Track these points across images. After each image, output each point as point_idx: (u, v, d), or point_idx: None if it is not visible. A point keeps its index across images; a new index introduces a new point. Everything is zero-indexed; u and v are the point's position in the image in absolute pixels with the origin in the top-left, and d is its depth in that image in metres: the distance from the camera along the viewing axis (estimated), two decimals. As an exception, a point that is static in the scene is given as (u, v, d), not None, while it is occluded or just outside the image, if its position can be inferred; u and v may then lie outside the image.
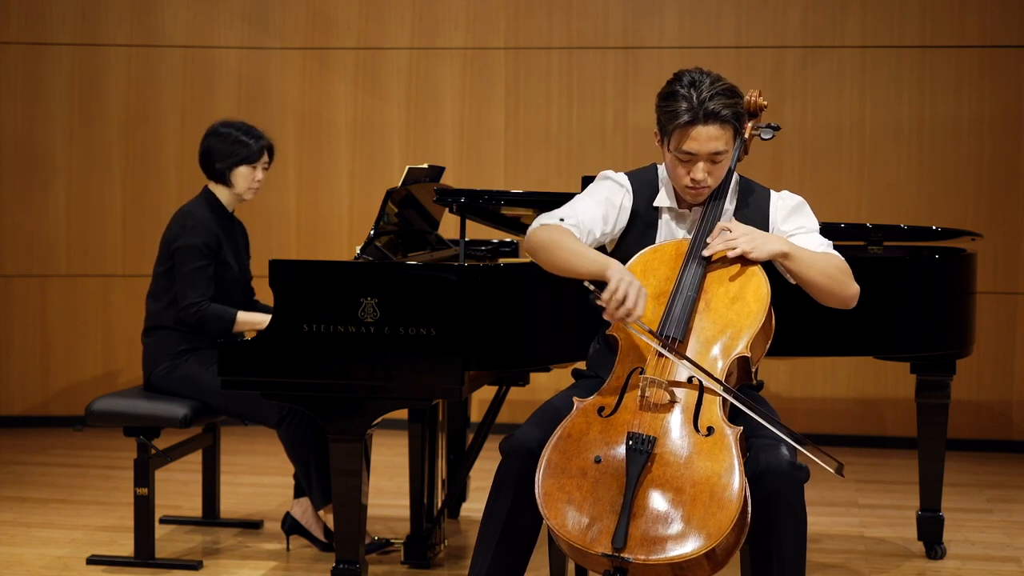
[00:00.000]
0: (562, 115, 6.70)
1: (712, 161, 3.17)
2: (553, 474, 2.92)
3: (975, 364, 6.28)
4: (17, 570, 4.30)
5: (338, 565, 3.86)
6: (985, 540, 4.79)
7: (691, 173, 3.18)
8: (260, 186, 4.60)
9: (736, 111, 3.16)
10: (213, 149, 4.53)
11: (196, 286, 4.39)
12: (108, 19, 6.79)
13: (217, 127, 4.58)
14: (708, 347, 3.05)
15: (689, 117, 3.12)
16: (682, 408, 2.96)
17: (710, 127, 3.12)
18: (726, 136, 3.15)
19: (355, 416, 3.79)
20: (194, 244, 4.41)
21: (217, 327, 4.38)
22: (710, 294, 3.11)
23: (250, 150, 4.52)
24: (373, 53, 6.80)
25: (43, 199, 6.80)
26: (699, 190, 3.21)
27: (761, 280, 3.12)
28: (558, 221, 3.21)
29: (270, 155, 4.60)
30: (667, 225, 3.31)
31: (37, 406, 6.87)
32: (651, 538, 2.80)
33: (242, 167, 4.53)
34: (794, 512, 2.97)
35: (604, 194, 3.31)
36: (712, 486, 2.84)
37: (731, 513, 2.80)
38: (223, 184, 4.56)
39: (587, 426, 2.98)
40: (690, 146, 3.14)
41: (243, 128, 4.57)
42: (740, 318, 3.08)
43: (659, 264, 3.18)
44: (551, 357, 3.97)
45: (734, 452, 2.87)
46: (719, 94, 3.13)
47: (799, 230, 3.28)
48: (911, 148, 6.46)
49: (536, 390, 6.07)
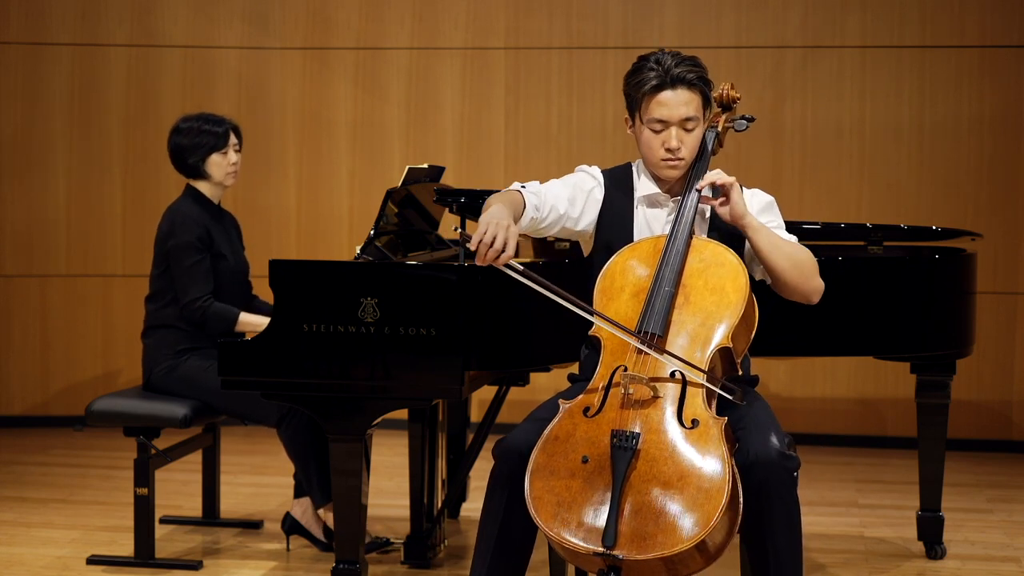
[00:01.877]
0: (562, 115, 6.70)
1: (684, 128, 3.22)
2: (541, 476, 2.93)
3: (975, 364, 6.28)
4: (17, 570, 4.30)
5: (338, 565, 3.86)
6: (985, 540, 4.79)
7: (665, 143, 3.22)
8: (237, 169, 4.62)
9: (702, 76, 3.24)
10: (180, 146, 4.56)
11: (196, 282, 4.40)
12: (108, 19, 6.79)
13: (178, 124, 4.60)
14: (689, 340, 3.06)
15: (657, 81, 3.21)
16: (666, 402, 2.97)
17: (679, 91, 3.21)
18: (696, 101, 3.23)
19: (355, 416, 3.79)
20: (187, 240, 4.42)
21: (219, 325, 4.39)
22: (689, 287, 3.12)
23: (216, 137, 4.54)
24: (373, 53, 6.80)
25: (43, 199, 6.80)
26: (675, 162, 3.24)
27: (740, 271, 3.13)
28: (519, 187, 3.28)
29: (238, 136, 4.63)
30: (644, 213, 3.34)
31: (37, 406, 6.86)
32: (641, 534, 2.81)
33: (213, 155, 4.55)
34: (785, 501, 2.98)
35: (574, 180, 3.38)
36: (699, 478, 2.84)
37: (718, 503, 2.80)
38: (201, 178, 4.58)
39: (573, 427, 2.99)
40: (660, 112, 3.21)
41: (203, 118, 4.59)
42: (720, 309, 3.09)
43: (637, 262, 3.20)
44: (551, 357, 3.97)
45: (720, 443, 2.88)
46: (684, 62, 3.24)
47: (769, 223, 3.32)
48: (911, 148, 6.46)
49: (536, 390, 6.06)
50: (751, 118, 3.48)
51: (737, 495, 2.87)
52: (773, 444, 2.98)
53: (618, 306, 3.14)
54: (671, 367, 3.01)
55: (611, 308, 3.14)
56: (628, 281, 3.16)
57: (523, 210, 3.21)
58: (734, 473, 2.87)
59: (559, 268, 3.98)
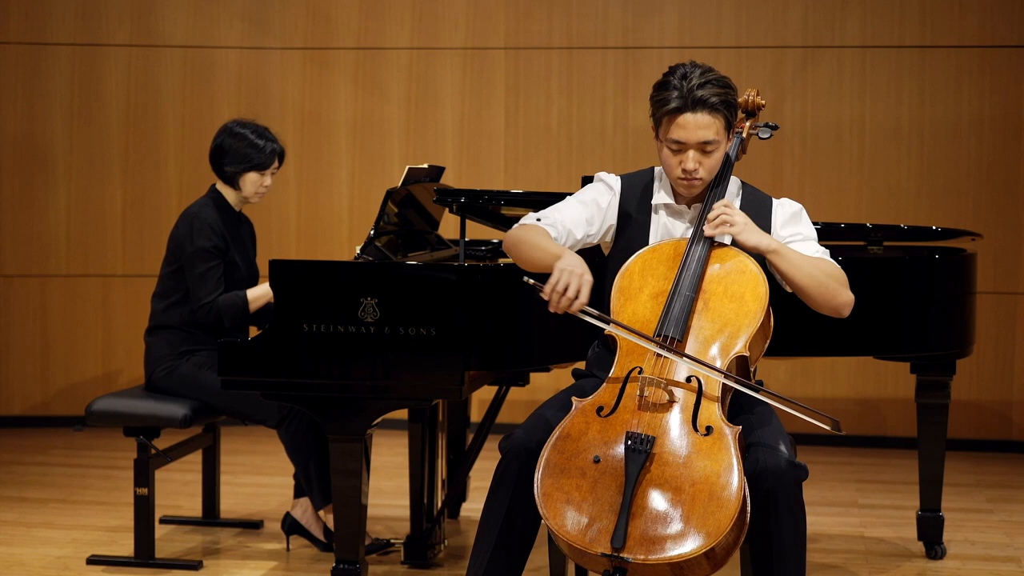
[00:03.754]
0: (562, 115, 6.70)
1: (702, 151, 3.18)
2: (552, 474, 2.92)
3: (975, 364, 6.28)
4: (17, 570, 4.30)
5: (338, 565, 3.86)
6: (985, 540, 4.79)
7: (682, 163, 3.19)
8: (267, 191, 4.59)
9: (726, 100, 3.17)
10: (226, 149, 4.50)
11: (207, 286, 4.39)
12: (108, 19, 6.79)
13: (232, 127, 4.53)
14: (707, 346, 3.05)
15: (677, 104, 3.14)
16: (681, 408, 2.96)
17: (699, 115, 3.14)
18: (716, 125, 3.16)
19: (355, 416, 3.79)
20: (203, 247, 4.41)
21: (232, 313, 4.39)
22: (708, 293, 3.11)
23: (262, 156, 4.49)
24: (373, 53, 6.80)
25: (43, 199, 6.80)
26: (691, 182, 3.21)
27: (760, 280, 3.12)
28: (535, 221, 3.26)
29: (280, 161, 4.59)
30: (662, 222, 3.32)
31: (37, 406, 6.86)
32: (650, 538, 2.80)
33: (252, 173, 4.51)
34: (793, 511, 2.97)
35: (591, 195, 3.36)
36: (711, 485, 2.84)
37: (730, 512, 2.80)
38: (230, 186, 4.55)
39: (586, 426, 2.98)
40: (678, 134, 3.16)
41: (258, 131, 4.53)
42: (739, 317, 3.08)
43: (657, 264, 3.18)
44: (551, 357, 3.97)
45: (733, 451, 2.88)
46: (709, 83, 3.15)
47: (795, 236, 3.29)
48: (911, 148, 6.46)
49: (536, 390, 6.07)
50: (775, 126, 3.47)
51: (746, 503, 2.87)
52: (783, 453, 2.98)
53: (636, 307, 3.13)
54: (687, 372, 3.00)
55: (629, 308, 3.13)
56: (647, 282, 3.15)
57: None
58: (744, 482, 2.87)
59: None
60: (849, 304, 3.21)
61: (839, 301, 3.19)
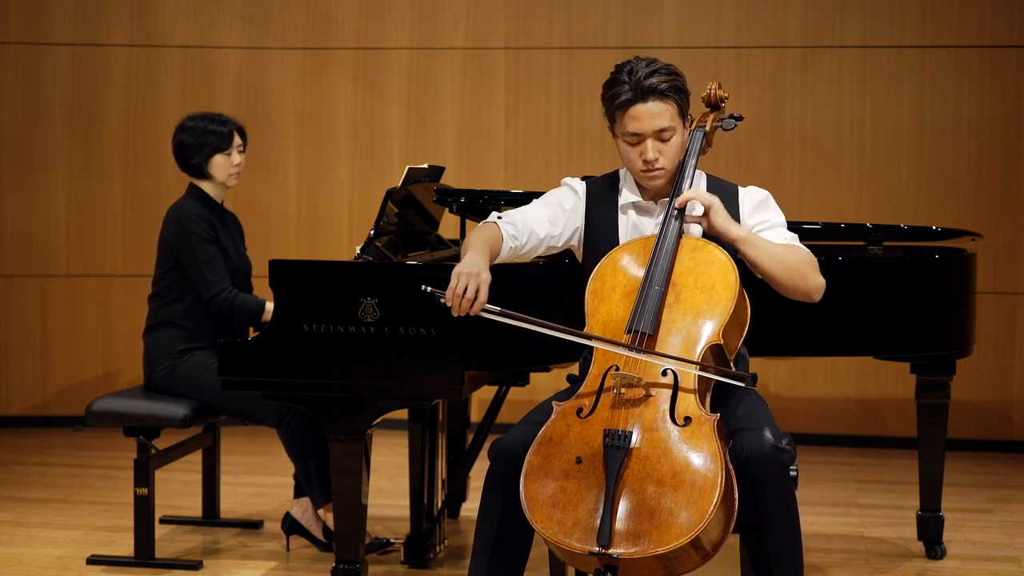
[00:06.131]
0: (562, 115, 6.70)
1: (660, 139, 3.21)
2: (536, 478, 2.94)
3: (975, 364, 6.28)
4: (17, 570, 4.30)
5: (338, 565, 3.86)
6: (985, 540, 4.79)
7: (642, 155, 3.21)
8: (240, 170, 4.61)
9: (675, 86, 3.21)
10: (184, 145, 4.56)
11: (215, 273, 4.40)
12: (108, 19, 6.79)
13: (183, 123, 4.60)
14: (680, 338, 3.06)
15: (629, 96, 3.19)
16: (658, 401, 2.98)
17: (650, 103, 3.18)
18: (669, 111, 3.20)
19: (355, 416, 3.79)
20: (199, 235, 4.42)
21: (246, 311, 4.39)
22: (679, 286, 3.13)
23: (221, 137, 4.54)
24: (373, 53, 6.80)
25: (43, 199, 6.80)
26: (653, 172, 3.23)
27: (729, 267, 3.13)
28: (496, 219, 3.29)
29: (242, 137, 4.62)
30: (631, 221, 3.33)
31: (37, 406, 6.87)
32: (635, 532, 2.81)
33: (217, 156, 4.55)
34: (781, 495, 2.98)
35: (555, 198, 3.39)
36: (692, 474, 2.85)
37: (711, 498, 2.80)
38: (204, 178, 4.58)
39: (567, 428, 2.99)
40: (633, 126, 3.20)
41: (208, 117, 4.58)
42: (710, 307, 3.09)
43: (627, 262, 3.20)
44: (551, 357, 3.97)
45: (713, 439, 2.89)
46: (656, 72, 3.21)
47: (763, 223, 3.30)
48: (911, 148, 6.46)
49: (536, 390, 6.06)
50: (739, 117, 3.46)
51: (732, 491, 2.88)
52: (766, 439, 2.98)
53: (609, 307, 3.15)
54: (663, 366, 3.01)
55: (602, 310, 3.15)
56: (619, 281, 3.17)
57: (501, 242, 3.24)
58: (727, 468, 2.88)
59: (559, 268, 3.98)
60: (820, 288, 3.22)
61: (810, 286, 3.20)
